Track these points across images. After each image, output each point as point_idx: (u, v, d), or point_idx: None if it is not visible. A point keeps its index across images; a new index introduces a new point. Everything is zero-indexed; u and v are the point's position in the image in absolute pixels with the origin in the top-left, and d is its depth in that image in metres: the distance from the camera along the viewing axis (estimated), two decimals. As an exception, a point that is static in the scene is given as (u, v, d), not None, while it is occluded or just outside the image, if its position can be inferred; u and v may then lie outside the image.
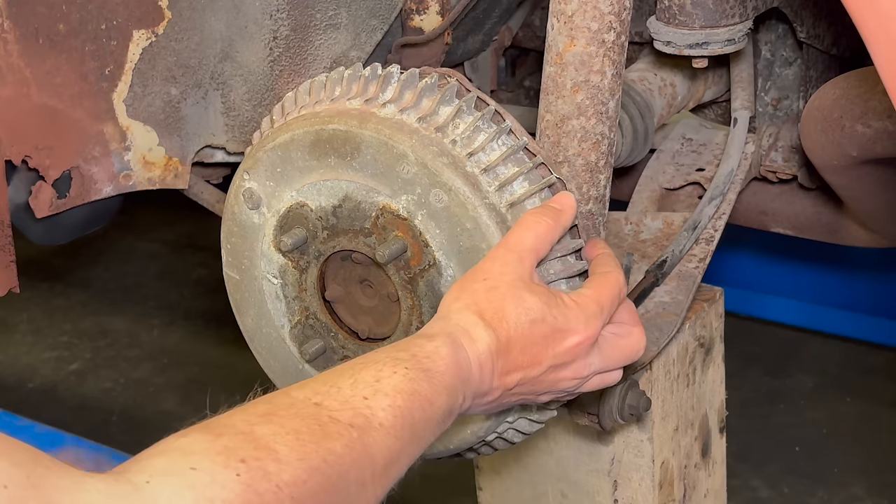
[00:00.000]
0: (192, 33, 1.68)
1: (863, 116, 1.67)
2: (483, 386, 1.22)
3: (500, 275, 1.26)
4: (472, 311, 1.23)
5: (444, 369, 1.16)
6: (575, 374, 1.29)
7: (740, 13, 1.63)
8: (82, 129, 1.66)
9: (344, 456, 1.02)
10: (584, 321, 1.27)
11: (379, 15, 1.77)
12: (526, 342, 1.24)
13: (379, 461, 1.06)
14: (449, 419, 1.18)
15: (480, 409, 1.26)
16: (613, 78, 1.43)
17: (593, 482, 1.77)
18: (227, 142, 1.79)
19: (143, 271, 4.26)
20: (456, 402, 1.18)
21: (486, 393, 1.23)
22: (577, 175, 1.45)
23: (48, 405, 3.49)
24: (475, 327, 1.22)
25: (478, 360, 1.21)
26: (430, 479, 3.13)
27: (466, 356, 1.20)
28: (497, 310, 1.23)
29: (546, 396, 1.31)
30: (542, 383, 1.27)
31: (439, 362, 1.17)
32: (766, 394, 3.36)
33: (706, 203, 1.76)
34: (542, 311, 1.25)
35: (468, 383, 1.20)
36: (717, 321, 1.83)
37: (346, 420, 1.05)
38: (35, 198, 1.66)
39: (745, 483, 3.01)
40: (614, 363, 1.33)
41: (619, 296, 1.32)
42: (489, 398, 1.24)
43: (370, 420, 1.07)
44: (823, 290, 3.51)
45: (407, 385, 1.12)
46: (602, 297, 1.30)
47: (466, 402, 1.21)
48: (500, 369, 1.23)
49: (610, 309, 1.30)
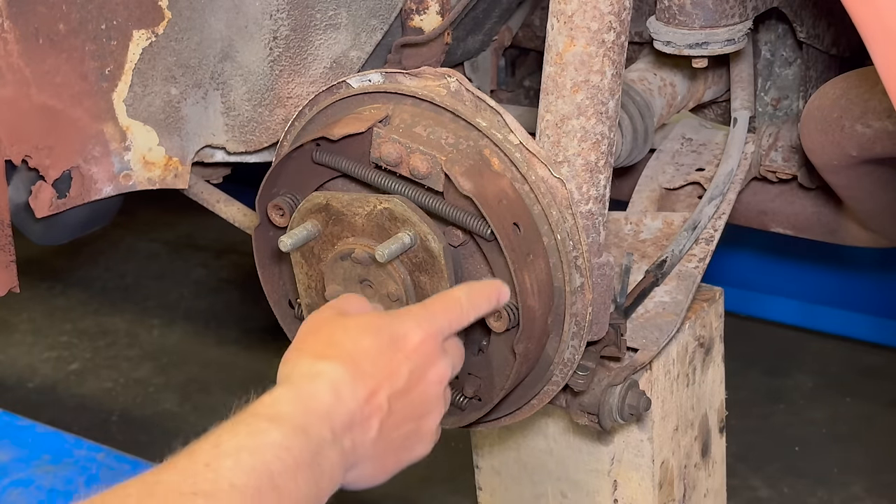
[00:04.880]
0: (192, 33, 1.68)
1: (863, 116, 1.67)
2: (353, 414, 1.16)
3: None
4: (305, 357, 1.20)
5: (290, 410, 1.11)
6: (440, 378, 1.25)
7: (740, 13, 1.63)
8: (82, 129, 1.66)
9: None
10: (416, 321, 1.25)
11: (379, 15, 1.77)
12: (371, 354, 1.20)
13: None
14: (325, 461, 1.11)
15: (376, 451, 1.20)
16: (613, 78, 1.43)
17: (593, 482, 1.77)
18: (227, 142, 1.79)
19: (143, 271, 4.26)
20: (321, 440, 1.11)
21: (361, 422, 1.17)
22: (577, 175, 1.45)
23: (48, 405, 3.49)
24: (314, 365, 1.17)
25: (330, 386, 1.15)
26: (431, 479, 3.14)
27: (313, 389, 1.15)
28: (327, 343, 1.20)
29: (431, 419, 1.26)
30: (416, 397, 1.23)
31: (283, 407, 1.12)
32: (766, 394, 3.36)
33: (706, 203, 1.76)
34: (372, 322, 1.23)
35: (330, 416, 1.13)
36: (717, 321, 1.83)
37: (188, 490, 1.00)
38: (35, 198, 1.67)
39: (745, 483, 3.01)
40: (457, 366, 1.31)
41: (452, 309, 1.29)
42: (370, 432, 1.18)
43: (217, 484, 1.01)
44: (823, 290, 3.51)
45: (251, 441, 1.07)
46: (431, 305, 1.29)
47: (345, 440, 1.15)
48: (361, 390, 1.17)
49: (443, 319, 1.27)
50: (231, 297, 4.03)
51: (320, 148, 1.42)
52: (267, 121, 1.76)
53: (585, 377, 1.50)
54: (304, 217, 1.43)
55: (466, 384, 1.47)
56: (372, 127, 1.39)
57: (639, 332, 1.63)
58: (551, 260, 1.40)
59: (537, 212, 1.39)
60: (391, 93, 1.43)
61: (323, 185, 1.47)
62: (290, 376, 1.18)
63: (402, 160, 1.37)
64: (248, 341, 3.71)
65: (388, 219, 1.38)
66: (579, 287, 1.41)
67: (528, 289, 1.37)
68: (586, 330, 1.43)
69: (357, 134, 1.39)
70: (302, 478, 1.08)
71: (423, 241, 1.37)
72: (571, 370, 1.47)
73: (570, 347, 1.45)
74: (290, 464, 1.07)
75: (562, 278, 1.41)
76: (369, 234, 1.40)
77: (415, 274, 1.39)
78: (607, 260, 1.47)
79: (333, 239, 1.43)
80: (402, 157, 1.37)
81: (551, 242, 1.39)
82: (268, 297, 1.56)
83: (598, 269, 1.46)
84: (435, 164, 1.36)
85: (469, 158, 1.37)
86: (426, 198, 1.37)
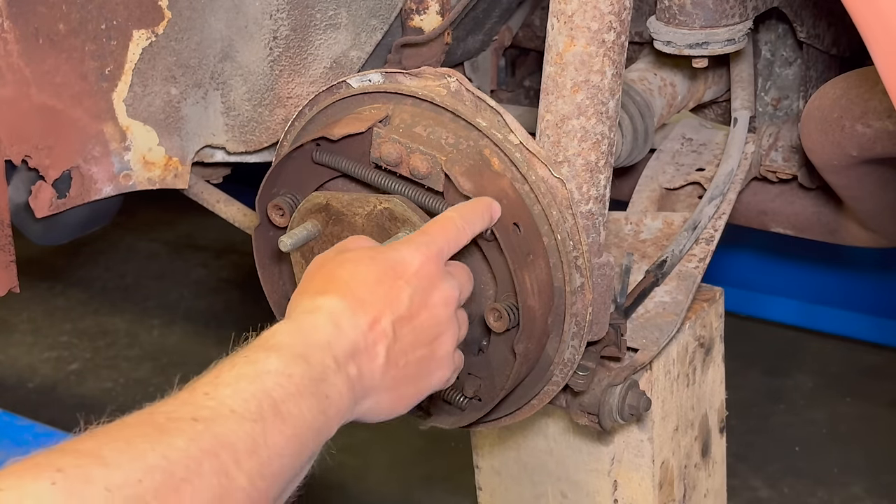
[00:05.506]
0: (192, 33, 1.68)
1: (863, 116, 1.67)
2: (355, 342, 1.14)
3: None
4: (306, 295, 1.19)
5: (290, 341, 1.10)
6: (446, 300, 1.24)
7: (740, 13, 1.63)
8: (82, 129, 1.66)
9: (188, 448, 0.95)
10: (415, 247, 1.23)
11: (379, 15, 1.77)
12: (370, 283, 1.18)
13: (241, 447, 0.99)
14: (331, 388, 1.09)
15: (389, 380, 1.18)
16: (613, 78, 1.43)
17: (593, 482, 1.77)
18: (227, 142, 1.79)
19: (143, 271, 4.26)
20: (324, 367, 1.10)
21: (366, 349, 1.15)
22: (577, 175, 1.45)
23: (48, 405, 3.49)
24: (312, 300, 1.16)
25: (329, 318, 1.14)
26: (431, 479, 3.14)
27: (313, 320, 1.13)
28: (326, 279, 1.19)
29: (445, 343, 1.24)
30: (423, 320, 1.21)
31: (281, 337, 1.10)
32: (766, 394, 3.36)
33: (706, 203, 1.76)
34: (367, 253, 1.22)
35: (331, 345, 1.12)
36: (717, 321, 1.83)
37: (186, 416, 0.99)
38: (35, 198, 1.66)
39: (745, 483, 3.01)
40: (466, 288, 1.29)
41: (449, 229, 1.27)
42: (377, 359, 1.16)
43: (217, 410, 1.00)
44: (823, 290, 3.51)
45: (250, 368, 1.05)
46: (428, 229, 1.27)
47: (350, 367, 1.13)
48: (362, 318, 1.16)
49: (442, 239, 1.26)
50: (231, 297, 4.03)
51: (320, 148, 1.42)
52: (267, 121, 1.76)
53: (585, 377, 1.50)
54: (304, 217, 1.43)
55: (466, 384, 1.47)
56: (372, 127, 1.39)
57: (639, 332, 1.63)
58: (551, 260, 1.40)
59: (537, 212, 1.39)
60: (391, 93, 1.43)
61: (323, 185, 1.47)
62: (290, 314, 1.17)
63: (402, 160, 1.37)
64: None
65: (389, 219, 1.38)
66: (579, 287, 1.41)
67: (529, 289, 1.37)
68: (586, 330, 1.43)
69: (357, 134, 1.39)
70: (305, 404, 1.06)
71: (423, 241, 1.37)
72: (571, 370, 1.47)
73: (570, 347, 1.45)
74: (291, 390, 1.05)
75: (562, 278, 1.41)
76: (369, 234, 1.40)
77: (415, 274, 1.39)
78: (607, 260, 1.47)
79: (333, 239, 1.43)
80: (402, 157, 1.37)
81: (551, 242, 1.39)
82: (268, 297, 1.56)
83: (599, 269, 1.46)
84: (435, 164, 1.36)
85: (469, 158, 1.37)
86: (426, 198, 1.37)
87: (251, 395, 1.02)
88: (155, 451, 0.94)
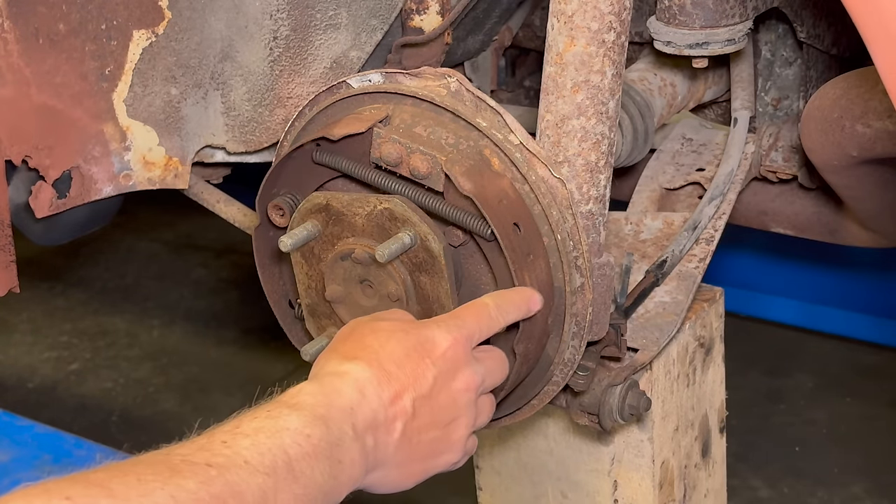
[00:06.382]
0: (192, 33, 1.68)
1: (863, 116, 1.67)
2: (376, 413, 1.16)
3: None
4: (334, 357, 1.21)
5: (313, 401, 1.11)
6: (467, 385, 1.25)
7: (740, 13, 1.63)
8: (82, 129, 1.66)
9: (198, 492, 0.97)
10: (445, 329, 1.25)
11: (379, 15, 1.77)
12: (398, 357, 1.20)
13: (249, 498, 1.00)
14: (346, 455, 1.11)
15: (401, 455, 1.19)
16: (613, 78, 1.43)
17: (593, 482, 1.77)
18: (228, 142, 1.79)
19: (143, 271, 4.26)
20: (342, 433, 1.11)
21: (385, 423, 1.17)
22: (577, 175, 1.45)
23: (48, 405, 3.49)
24: (340, 364, 1.19)
25: (355, 384, 1.16)
26: (431, 478, 3.13)
27: (338, 385, 1.15)
28: (356, 345, 1.21)
29: (460, 427, 1.26)
30: (442, 402, 1.23)
31: (305, 397, 1.12)
32: (766, 394, 3.36)
33: (706, 203, 1.76)
34: (400, 326, 1.24)
35: (353, 412, 1.14)
36: (717, 321, 1.83)
37: (201, 461, 1.00)
38: (35, 198, 1.66)
39: (745, 483, 3.01)
40: (493, 376, 1.30)
41: (482, 315, 1.29)
42: (394, 434, 1.18)
43: (232, 459, 1.01)
44: (823, 290, 3.51)
45: (270, 423, 1.07)
46: (460, 313, 1.29)
47: (368, 438, 1.14)
48: (386, 391, 1.18)
49: (473, 324, 1.28)
50: (231, 297, 4.03)
51: (320, 148, 1.42)
52: (267, 121, 1.76)
53: (586, 377, 1.50)
54: (304, 217, 1.43)
55: (466, 384, 1.47)
56: (372, 127, 1.39)
57: (639, 332, 1.63)
58: (551, 260, 1.40)
59: (537, 212, 1.39)
60: (391, 93, 1.43)
61: (323, 185, 1.47)
62: (317, 374, 1.19)
63: (403, 160, 1.37)
64: (248, 341, 3.71)
65: (389, 219, 1.38)
66: (579, 287, 1.41)
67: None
68: (586, 330, 1.43)
69: (357, 134, 1.39)
70: (319, 467, 1.08)
71: (423, 242, 1.37)
72: (572, 370, 1.47)
73: (570, 347, 1.45)
74: (307, 450, 1.07)
75: (562, 278, 1.41)
76: (369, 234, 1.40)
77: (415, 274, 1.39)
78: (607, 260, 1.47)
79: (333, 239, 1.43)
80: (402, 157, 1.37)
81: (551, 242, 1.39)
82: (268, 297, 1.56)
83: (599, 269, 1.46)
84: (435, 164, 1.36)
85: (469, 158, 1.37)
86: (426, 198, 1.37)
87: (267, 450, 1.04)
88: (164, 490, 0.95)
